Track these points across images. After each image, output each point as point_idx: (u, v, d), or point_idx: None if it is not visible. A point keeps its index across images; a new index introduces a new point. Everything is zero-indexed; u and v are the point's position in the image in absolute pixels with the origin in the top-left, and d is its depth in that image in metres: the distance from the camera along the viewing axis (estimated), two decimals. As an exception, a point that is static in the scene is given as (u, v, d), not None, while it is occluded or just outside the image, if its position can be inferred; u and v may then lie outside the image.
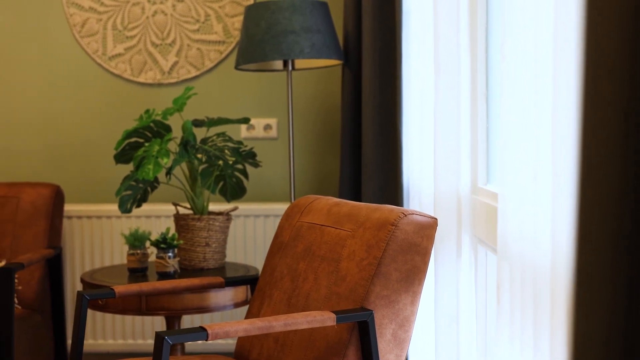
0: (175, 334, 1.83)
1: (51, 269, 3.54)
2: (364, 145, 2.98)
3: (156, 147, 2.96)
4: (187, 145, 3.07)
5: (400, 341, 2.08)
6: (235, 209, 3.19)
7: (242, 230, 3.71)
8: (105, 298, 2.49)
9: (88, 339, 3.76)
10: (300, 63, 3.54)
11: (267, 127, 3.83)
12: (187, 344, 3.71)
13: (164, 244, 2.99)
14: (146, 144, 3.08)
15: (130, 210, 3.11)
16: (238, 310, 3.70)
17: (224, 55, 3.82)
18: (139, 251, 3.05)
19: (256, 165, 3.21)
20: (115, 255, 3.73)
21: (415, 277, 2.06)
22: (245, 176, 3.21)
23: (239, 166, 3.23)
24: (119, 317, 3.75)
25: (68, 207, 3.75)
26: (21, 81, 3.86)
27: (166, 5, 3.81)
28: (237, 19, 3.80)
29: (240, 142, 3.18)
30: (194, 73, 3.83)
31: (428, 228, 2.08)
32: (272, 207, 3.72)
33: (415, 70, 2.56)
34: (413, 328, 2.11)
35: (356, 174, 3.32)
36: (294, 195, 3.39)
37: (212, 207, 3.62)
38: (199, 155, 3.14)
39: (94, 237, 3.73)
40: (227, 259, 3.65)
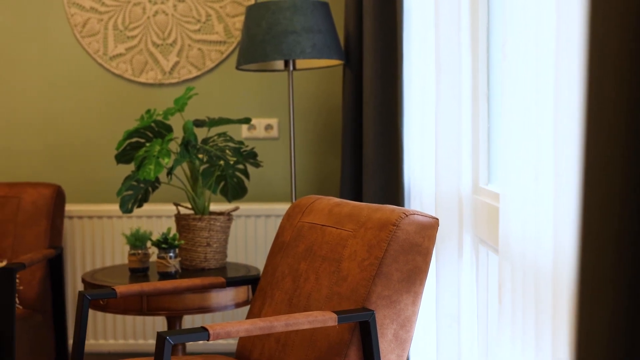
0: (176, 334, 1.83)
1: (52, 269, 3.54)
2: (365, 145, 2.97)
3: (157, 147, 2.96)
4: (188, 146, 3.07)
5: (401, 341, 2.07)
6: (236, 209, 3.18)
7: (243, 231, 3.71)
8: (107, 298, 2.49)
9: (89, 339, 3.76)
10: (301, 63, 3.54)
11: (268, 127, 3.83)
12: (189, 344, 3.71)
13: (165, 244, 2.99)
14: (147, 144, 3.08)
15: (131, 211, 3.11)
16: (239, 310, 3.70)
17: (225, 56, 3.81)
18: (140, 251, 3.05)
19: (257, 165, 3.21)
20: (116, 255, 3.73)
21: (416, 277, 2.06)
22: (247, 176, 3.20)
23: (240, 166, 3.23)
24: (120, 317, 3.75)
25: (69, 207, 3.75)
26: (22, 81, 3.86)
27: (167, 5, 3.81)
28: (238, 19, 3.79)
29: (241, 142, 3.18)
30: (195, 73, 3.83)
31: (429, 228, 2.07)
32: (273, 207, 3.72)
33: (417, 70, 2.56)
34: (414, 328, 2.10)
35: (357, 174, 3.31)
36: (295, 196, 3.39)
37: (213, 207, 3.62)
38: (200, 156, 3.14)
39: (95, 237, 3.73)
40: (228, 259, 3.64)
